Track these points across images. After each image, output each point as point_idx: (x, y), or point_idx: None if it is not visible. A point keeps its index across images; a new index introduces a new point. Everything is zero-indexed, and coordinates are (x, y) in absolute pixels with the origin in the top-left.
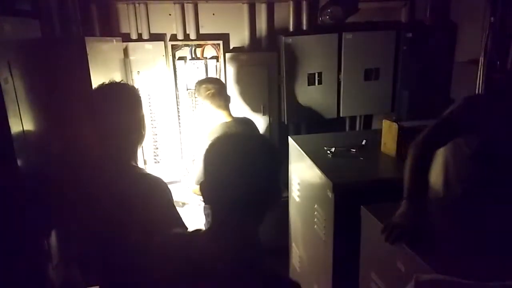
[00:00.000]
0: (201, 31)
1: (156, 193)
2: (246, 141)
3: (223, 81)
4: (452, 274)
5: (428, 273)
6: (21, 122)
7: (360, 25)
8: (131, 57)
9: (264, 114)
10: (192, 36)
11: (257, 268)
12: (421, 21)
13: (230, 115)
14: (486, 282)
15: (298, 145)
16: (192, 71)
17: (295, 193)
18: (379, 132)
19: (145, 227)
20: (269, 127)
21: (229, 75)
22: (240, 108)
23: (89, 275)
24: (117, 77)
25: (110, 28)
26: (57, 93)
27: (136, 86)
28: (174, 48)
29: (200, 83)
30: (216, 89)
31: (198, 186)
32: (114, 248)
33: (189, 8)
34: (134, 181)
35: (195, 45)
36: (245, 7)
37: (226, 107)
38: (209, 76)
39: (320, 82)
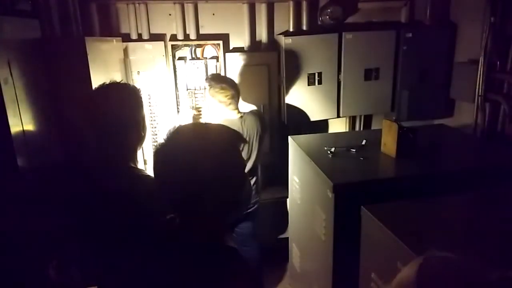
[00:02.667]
0: (201, 31)
1: (154, 195)
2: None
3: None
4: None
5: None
6: (21, 122)
7: (360, 25)
8: (131, 57)
9: (264, 114)
10: (192, 36)
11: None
12: (421, 21)
13: (239, 112)
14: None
15: (298, 145)
16: (192, 71)
17: (295, 193)
18: (379, 132)
19: (142, 228)
20: (269, 127)
21: (229, 75)
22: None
23: (89, 275)
24: (117, 77)
25: (110, 28)
26: (57, 93)
27: (137, 86)
28: (174, 48)
29: (216, 81)
30: (232, 95)
31: None
32: (113, 249)
33: (189, 8)
34: (132, 182)
35: (195, 45)
36: (245, 7)
37: (235, 108)
38: (221, 74)
39: (320, 82)
